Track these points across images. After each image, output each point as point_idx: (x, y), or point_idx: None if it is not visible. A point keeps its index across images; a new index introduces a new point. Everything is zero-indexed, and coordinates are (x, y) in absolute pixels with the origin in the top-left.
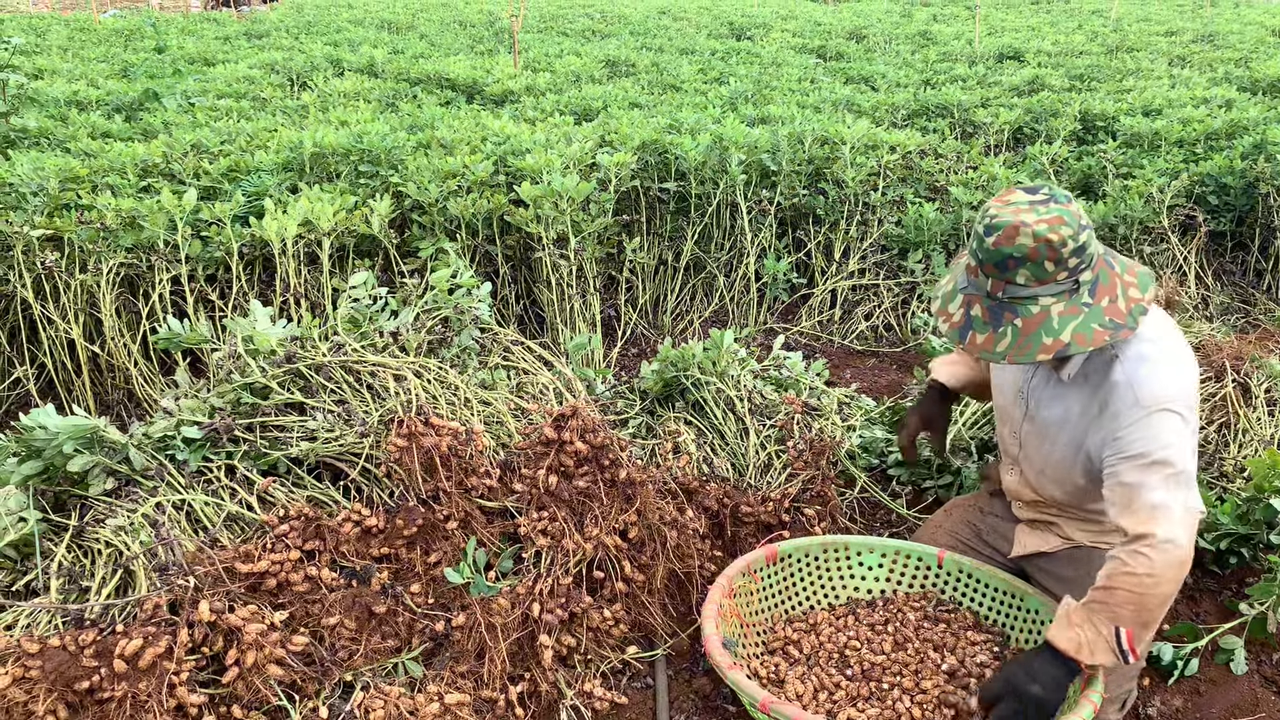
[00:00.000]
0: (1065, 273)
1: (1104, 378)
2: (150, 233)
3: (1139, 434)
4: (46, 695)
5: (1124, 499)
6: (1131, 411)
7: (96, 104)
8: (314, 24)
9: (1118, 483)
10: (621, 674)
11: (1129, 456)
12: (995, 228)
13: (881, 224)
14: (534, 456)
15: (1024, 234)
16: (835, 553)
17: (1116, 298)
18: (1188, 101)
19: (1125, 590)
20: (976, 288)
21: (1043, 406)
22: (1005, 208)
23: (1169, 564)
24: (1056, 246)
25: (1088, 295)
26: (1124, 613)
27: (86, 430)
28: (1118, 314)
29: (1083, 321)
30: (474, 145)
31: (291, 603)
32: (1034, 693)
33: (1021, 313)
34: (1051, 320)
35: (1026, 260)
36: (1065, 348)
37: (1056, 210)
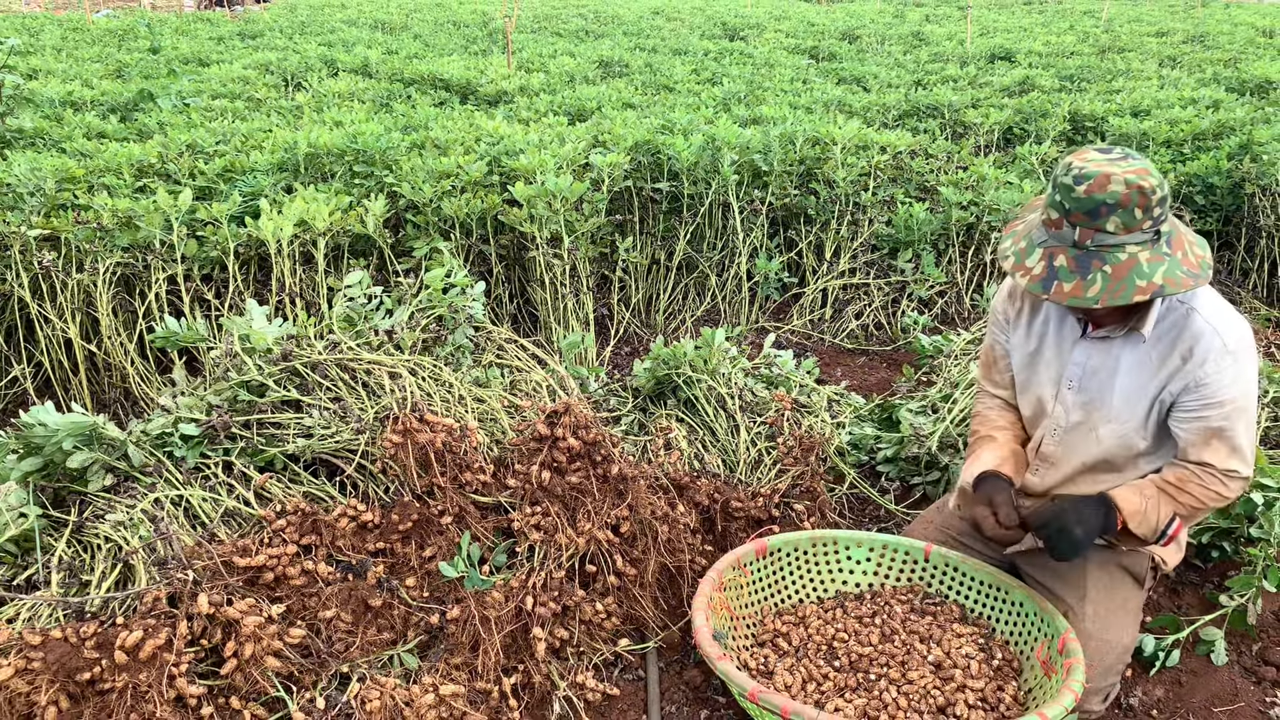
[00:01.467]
0: (1150, 221)
1: (1184, 329)
2: (146, 232)
3: (1228, 378)
4: (49, 686)
5: (1204, 438)
6: (1221, 357)
7: (91, 104)
8: (308, 24)
9: (1203, 425)
10: (613, 666)
11: (1218, 402)
12: (1086, 176)
13: (872, 224)
14: (527, 452)
15: (1115, 181)
16: (824, 547)
17: (1186, 251)
18: (1176, 102)
19: (1194, 496)
20: (1059, 239)
21: (1096, 381)
22: (1089, 161)
23: (1238, 492)
24: (1147, 193)
25: (1166, 245)
26: (1184, 510)
27: (85, 427)
28: (1191, 265)
29: (1168, 268)
30: (468, 146)
31: (289, 596)
32: (1075, 535)
33: (1109, 260)
34: (1141, 265)
35: (1119, 207)
36: (1160, 289)
37: (1139, 163)
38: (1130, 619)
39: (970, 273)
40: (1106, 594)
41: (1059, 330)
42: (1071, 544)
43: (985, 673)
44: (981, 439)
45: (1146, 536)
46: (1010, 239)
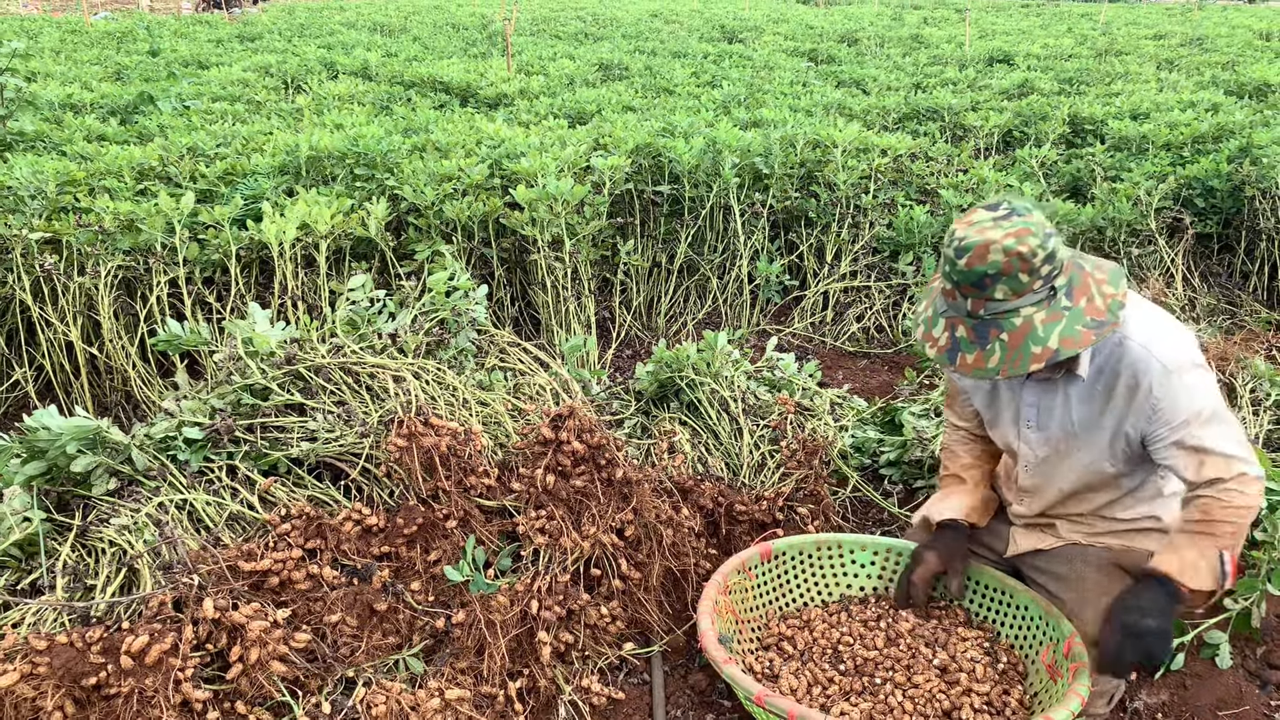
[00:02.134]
0: (1040, 281)
1: (1121, 360)
2: (148, 235)
3: (1181, 398)
4: (54, 691)
5: (1194, 459)
6: (1165, 380)
7: (91, 107)
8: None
9: (1182, 448)
10: (618, 670)
11: (1183, 421)
12: (965, 249)
13: (873, 226)
14: (532, 456)
15: (994, 250)
16: (828, 550)
17: (1093, 297)
18: (1175, 105)
19: (1227, 522)
20: (956, 310)
21: (1048, 422)
22: (970, 228)
23: (1259, 491)
24: (1028, 257)
25: (1065, 299)
26: (1226, 539)
27: (89, 431)
28: (1097, 312)
29: (1066, 325)
30: (469, 149)
31: (294, 600)
32: (1150, 626)
33: (1005, 326)
34: (1036, 329)
35: (1001, 275)
36: (1055, 354)
37: (1020, 223)
38: None
39: None
40: (1106, 596)
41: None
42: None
43: (990, 676)
44: (951, 478)
45: (1211, 586)
46: (924, 299)
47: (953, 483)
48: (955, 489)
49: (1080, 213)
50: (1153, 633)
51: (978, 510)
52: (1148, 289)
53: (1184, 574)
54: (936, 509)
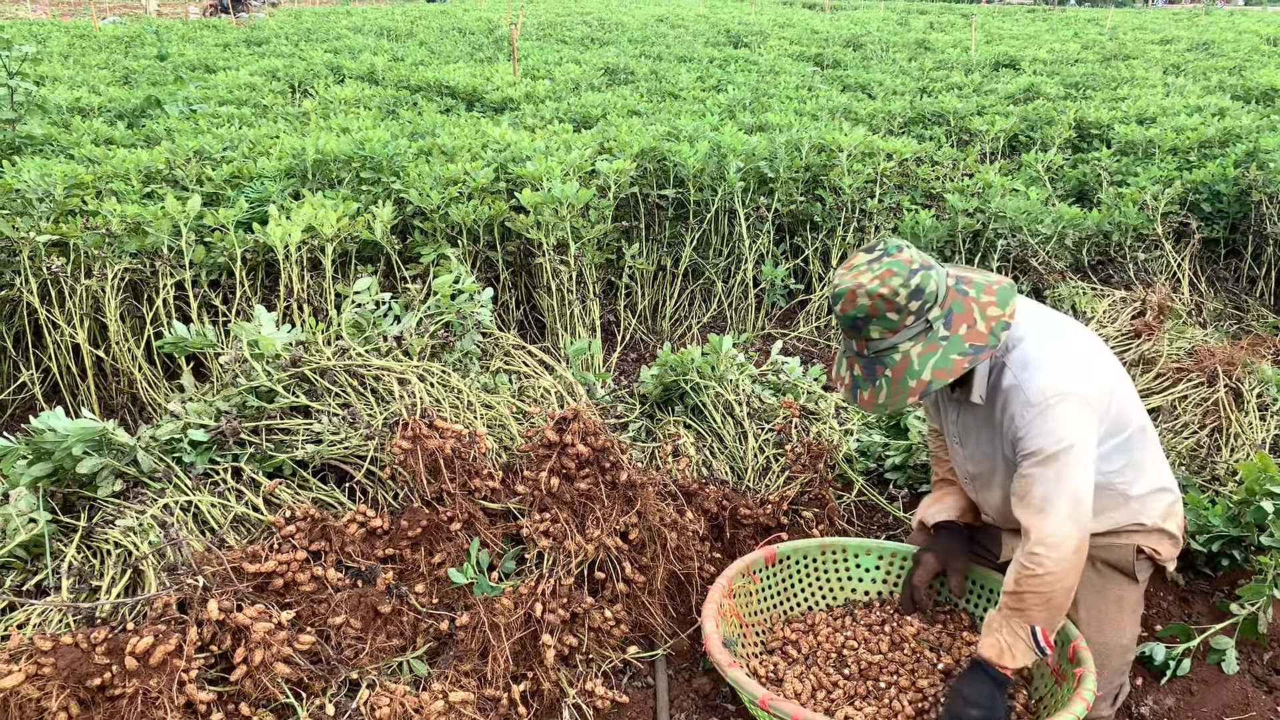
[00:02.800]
0: (911, 316)
1: (999, 385)
2: (155, 238)
3: (1034, 430)
4: (59, 692)
5: (1020, 492)
6: (1025, 411)
7: (99, 111)
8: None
9: (1019, 476)
10: (622, 673)
11: (1028, 454)
12: (839, 295)
13: (878, 230)
14: (536, 459)
15: (860, 295)
16: (833, 554)
17: (975, 322)
18: (1181, 110)
19: (1033, 593)
20: (849, 350)
21: (969, 440)
22: (847, 274)
23: (1064, 558)
24: (889, 298)
25: (944, 329)
26: (1036, 613)
27: (95, 433)
28: (978, 337)
29: (941, 355)
30: (475, 152)
31: (298, 602)
32: (973, 715)
33: (888, 363)
34: (913, 363)
35: (870, 317)
36: (928, 386)
37: (886, 264)
38: (1126, 616)
39: None
40: (1098, 595)
41: (944, 397)
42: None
43: None
44: (941, 481)
45: (1028, 662)
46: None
47: (943, 485)
48: (946, 490)
49: (1086, 218)
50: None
51: (970, 510)
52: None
53: (1002, 657)
54: (930, 512)
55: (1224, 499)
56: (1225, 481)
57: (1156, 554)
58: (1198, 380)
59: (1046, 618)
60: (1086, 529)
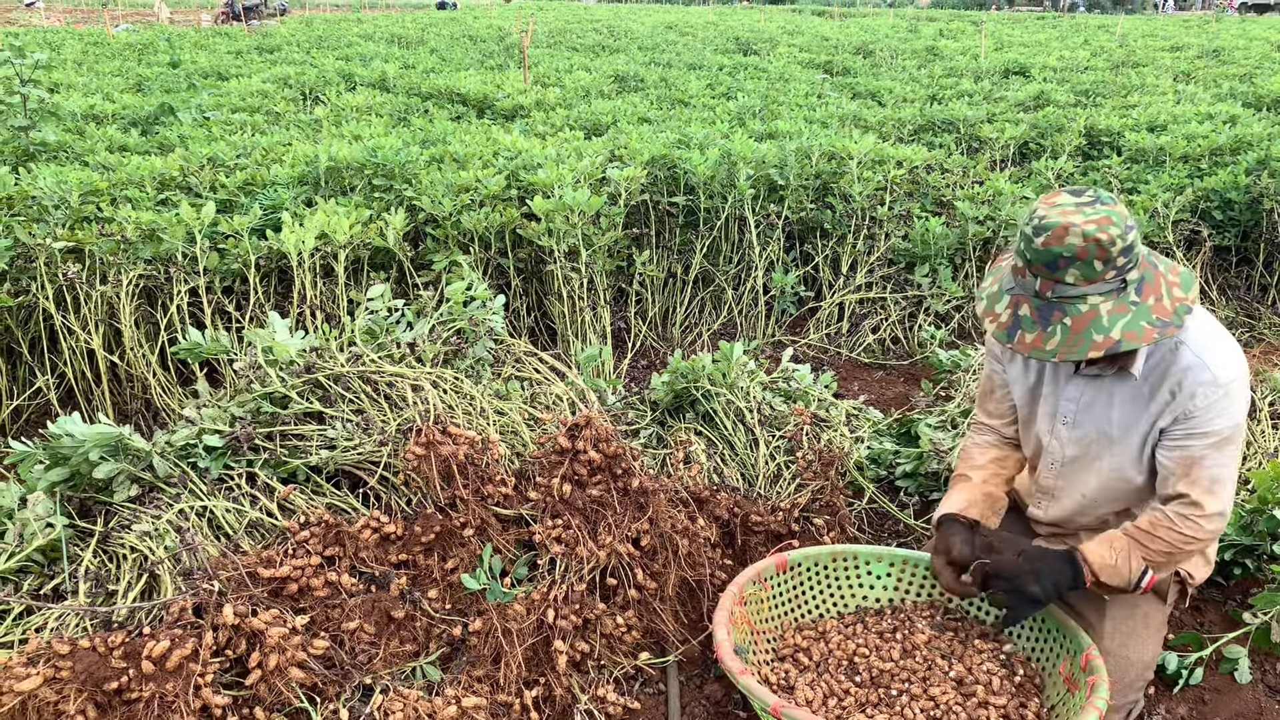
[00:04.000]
0: (1113, 271)
1: (1172, 364)
2: (169, 245)
3: (1216, 411)
4: (76, 695)
5: (1185, 468)
6: (1210, 390)
7: (113, 118)
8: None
9: (1185, 455)
10: (634, 680)
11: (1203, 433)
12: (1044, 228)
13: (888, 238)
14: (548, 465)
15: (1073, 234)
16: (844, 562)
17: (1162, 296)
18: (1192, 117)
19: (1166, 541)
20: (1024, 288)
21: (1091, 417)
22: (1053, 209)
23: (1213, 533)
24: (1105, 245)
25: (1135, 294)
26: (1156, 558)
27: (112, 438)
28: (1164, 312)
29: (1131, 319)
30: (486, 160)
31: (312, 607)
32: (1033, 590)
33: (1070, 311)
34: (1101, 318)
35: (1076, 259)
36: (1116, 345)
37: (1104, 211)
38: (1152, 635)
39: None
40: (1128, 610)
41: (1055, 366)
42: (1030, 602)
43: (1008, 689)
44: (957, 478)
45: (1121, 588)
46: (992, 276)
47: (959, 481)
48: (959, 485)
49: None
50: (1030, 598)
51: (978, 505)
52: None
53: (1102, 570)
54: (940, 508)
55: (1237, 508)
56: (1238, 490)
57: (1190, 578)
58: None
59: (1162, 566)
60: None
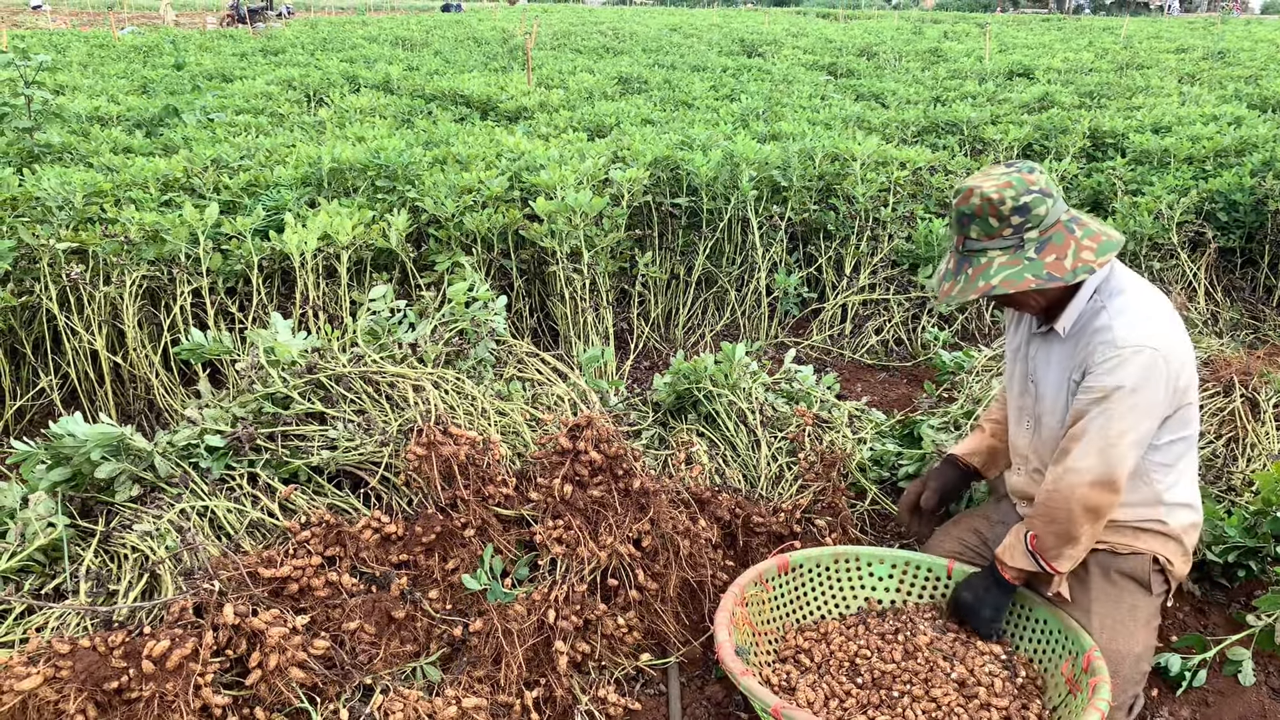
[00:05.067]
0: (1010, 229)
1: (1090, 324)
2: (172, 246)
3: (1106, 369)
4: (77, 695)
5: (1071, 424)
6: (1106, 350)
7: (117, 119)
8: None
9: (1074, 410)
10: (635, 681)
11: (1089, 387)
12: (959, 191)
13: (892, 239)
14: (549, 466)
15: (975, 195)
16: (846, 563)
17: (1065, 257)
18: (1197, 119)
19: (1044, 506)
20: (953, 245)
21: (1043, 378)
22: (975, 176)
23: (1075, 485)
24: (996, 204)
25: (1033, 251)
26: (1037, 523)
27: (114, 438)
28: (1058, 269)
29: (1016, 270)
30: (489, 161)
31: (313, 607)
32: (964, 597)
33: (973, 262)
34: (990, 269)
35: (975, 217)
36: (991, 289)
37: (1009, 177)
38: (1140, 626)
39: None
40: (1112, 604)
41: (1029, 330)
42: (974, 615)
43: (1009, 690)
44: (975, 426)
45: (1026, 565)
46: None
47: (975, 429)
48: (973, 434)
49: None
50: (966, 606)
51: (981, 454)
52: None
53: (1004, 554)
54: (950, 447)
55: (1240, 509)
56: (1241, 492)
57: (1170, 565)
58: (1214, 390)
59: (1045, 530)
60: (1112, 472)
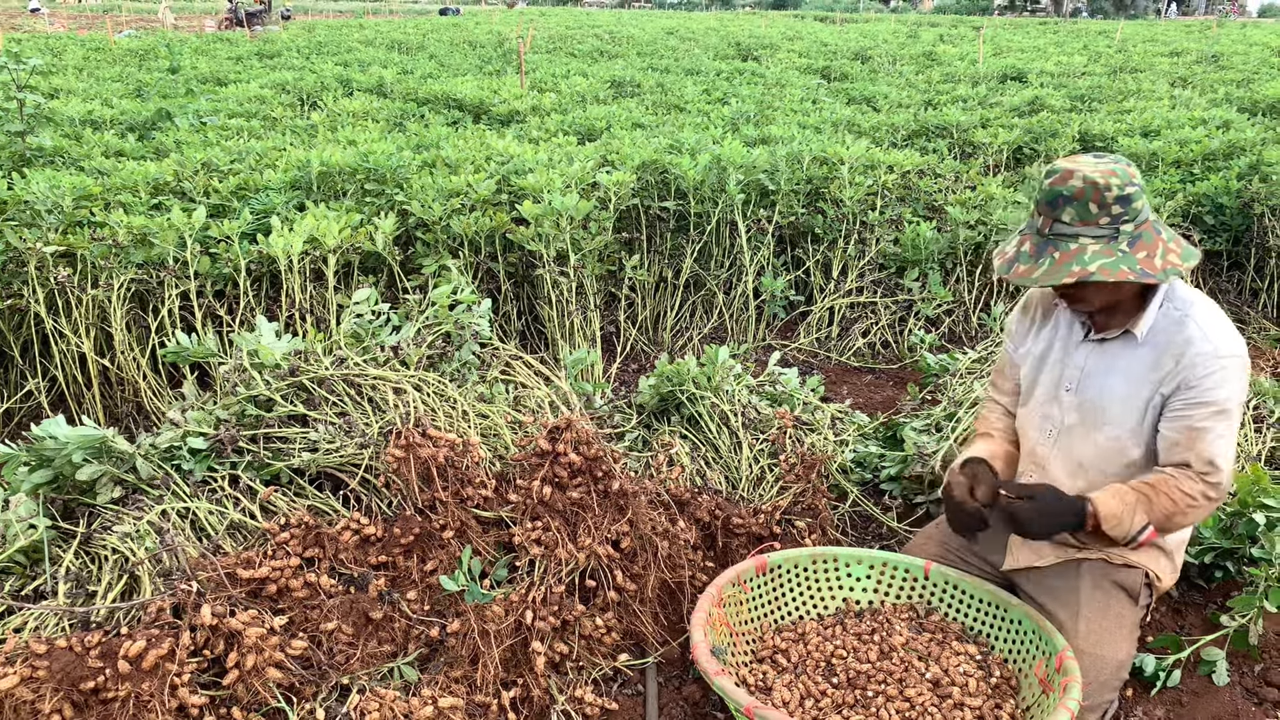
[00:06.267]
0: (1107, 218)
1: (1176, 333)
2: (161, 249)
3: (1215, 381)
4: (52, 695)
5: (1189, 440)
6: (1210, 361)
7: (110, 123)
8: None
9: (1187, 425)
10: (613, 681)
11: (1203, 402)
12: (1054, 171)
13: (879, 242)
14: (529, 468)
15: (1075, 176)
16: (824, 564)
17: (1154, 255)
18: (1186, 122)
19: (1171, 500)
20: (1031, 227)
21: (1093, 384)
22: (1068, 160)
23: (1214, 501)
24: (1101, 189)
25: (1126, 245)
26: (1158, 516)
27: (95, 440)
28: (1151, 266)
29: (1112, 261)
30: (478, 164)
31: (291, 608)
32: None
33: (1061, 247)
34: (1084, 254)
35: (1074, 199)
36: (1089, 275)
37: (1111, 165)
38: (1124, 634)
39: (977, 292)
40: (1100, 610)
41: (1067, 334)
42: (1039, 525)
43: (983, 690)
44: (980, 435)
45: (1119, 539)
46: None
47: (981, 438)
48: (983, 439)
49: None
50: (1039, 523)
51: (999, 458)
52: None
53: (1107, 519)
54: (965, 454)
55: (1217, 512)
56: None
57: (1158, 580)
58: None
59: (1161, 524)
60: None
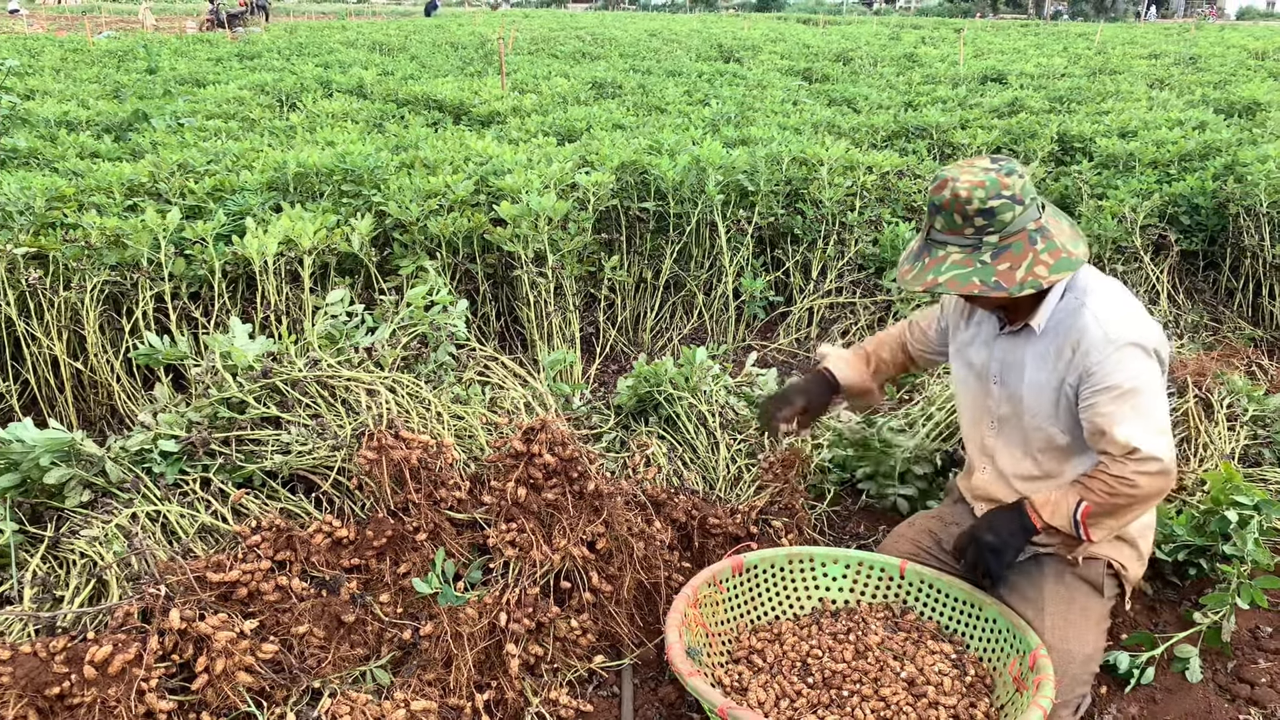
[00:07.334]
0: (971, 229)
1: (1074, 322)
2: (134, 251)
3: (1112, 366)
4: (16, 701)
5: (1102, 428)
6: (1103, 347)
7: (86, 124)
8: (305, 46)
9: (1095, 414)
10: (588, 683)
11: (1105, 388)
12: (937, 178)
13: (858, 243)
14: (503, 469)
15: (947, 188)
16: (800, 564)
17: (1017, 268)
18: (1163, 124)
19: (1104, 484)
20: (924, 229)
21: (1013, 375)
22: (957, 166)
23: (1160, 476)
24: (963, 203)
25: (988, 256)
26: (1094, 496)
27: (63, 444)
28: (1008, 279)
29: (965, 273)
30: (456, 165)
31: (262, 611)
32: (988, 541)
33: (932, 253)
34: (943, 265)
35: (942, 209)
36: (936, 285)
37: (985, 176)
38: (1091, 627)
39: None
40: (1065, 604)
41: (988, 327)
42: (996, 556)
43: (958, 689)
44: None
45: (1064, 527)
46: None
47: (857, 354)
48: (856, 361)
49: None
50: (988, 546)
51: (855, 386)
52: None
53: (1043, 507)
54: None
55: (1190, 509)
56: (1193, 492)
57: (1124, 570)
58: (1168, 391)
59: (1099, 505)
60: (1173, 458)
